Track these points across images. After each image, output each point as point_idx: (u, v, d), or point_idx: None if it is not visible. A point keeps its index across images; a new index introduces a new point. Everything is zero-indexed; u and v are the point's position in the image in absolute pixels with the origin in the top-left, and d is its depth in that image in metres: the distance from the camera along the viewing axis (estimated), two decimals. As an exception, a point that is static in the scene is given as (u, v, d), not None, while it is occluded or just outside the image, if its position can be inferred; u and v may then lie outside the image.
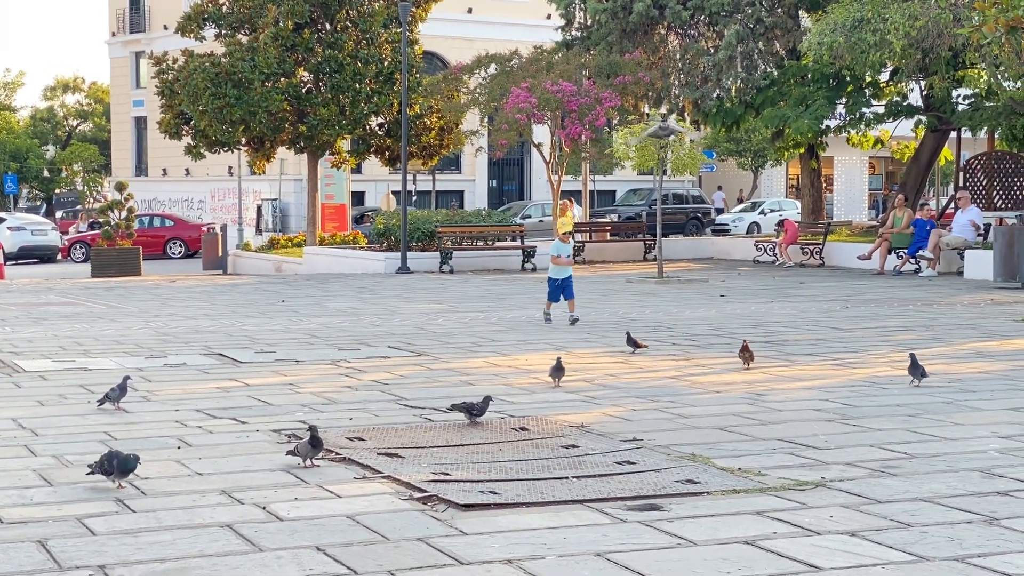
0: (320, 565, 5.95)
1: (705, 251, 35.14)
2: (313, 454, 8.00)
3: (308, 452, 7.98)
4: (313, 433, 7.99)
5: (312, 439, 7.96)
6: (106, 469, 7.29)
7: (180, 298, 22.33)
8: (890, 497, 7.16)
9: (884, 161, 66.67)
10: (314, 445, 7.96)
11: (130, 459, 7.32)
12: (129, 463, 7.31)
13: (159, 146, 58.36)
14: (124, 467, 7.30)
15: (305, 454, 7.99)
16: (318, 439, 7.98)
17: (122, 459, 7.30)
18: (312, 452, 7.98)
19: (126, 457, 7.33)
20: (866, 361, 13.11)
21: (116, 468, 7.28)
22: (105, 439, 8.94)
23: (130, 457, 7.34)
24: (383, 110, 35.55)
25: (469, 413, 9.63)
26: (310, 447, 7.96)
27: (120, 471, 7.30)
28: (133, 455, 7.39)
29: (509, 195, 61.66)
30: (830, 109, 31.52)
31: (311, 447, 7.96)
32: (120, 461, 7.29)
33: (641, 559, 6.02)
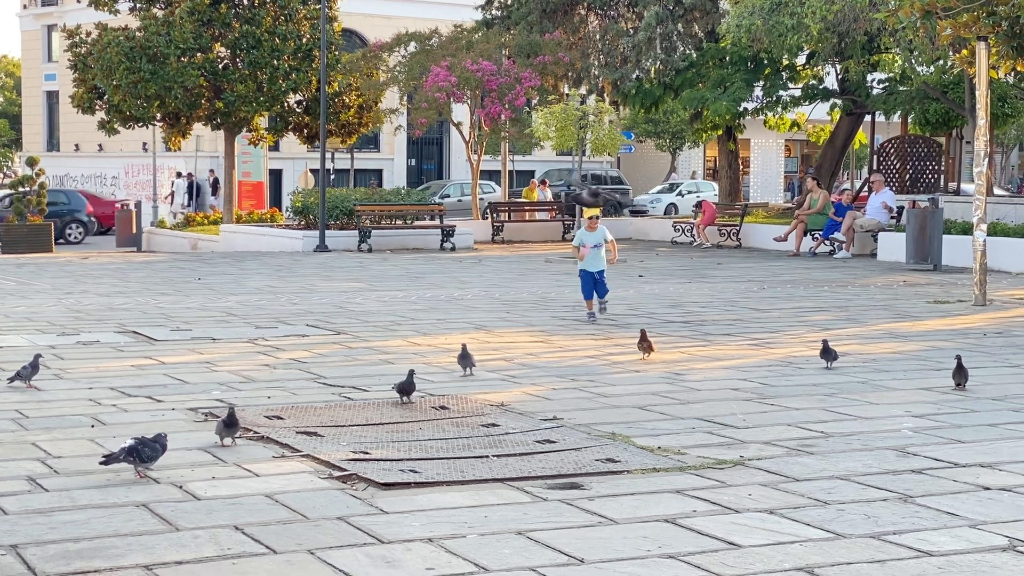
0: (238, 544, 5.88)
1: (623, 231, 35.22)
2: (229, 433, 7.88)
3: (223, 432, 7.88)
4: (230, 412, 7.90)
5: (228, 418, 7.86)
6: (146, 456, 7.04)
7: (93, 275, 21.99)
8: (807, 475, 7.23)
9: (799, 144, 67.38)
10: (229, 424, 7.85)
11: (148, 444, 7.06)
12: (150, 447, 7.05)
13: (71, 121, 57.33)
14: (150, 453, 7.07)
15: (221, 433, 7.89)
16: (234, 418, 7.87)
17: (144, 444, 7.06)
18: (228, 432, 7.87)
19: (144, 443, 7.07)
20: (783, 341, 13.24)
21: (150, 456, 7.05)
22: (17, 417, 8.78)
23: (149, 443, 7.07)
24: (301, 87, 35.21)
25: (405, 394, 9.49)
26: (224, 426, 7.86)
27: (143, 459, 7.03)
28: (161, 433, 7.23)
29: (428, 174, 61.43)
30: (748, 91, 31.75)
31: (226, 427, 7.85)
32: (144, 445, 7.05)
33: (562, 537, 6.02)
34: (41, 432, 8.28)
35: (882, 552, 5.77)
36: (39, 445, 7.89)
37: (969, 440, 8.17)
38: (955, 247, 22.48)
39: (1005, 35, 16.95)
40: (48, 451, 7.73)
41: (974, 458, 7.65)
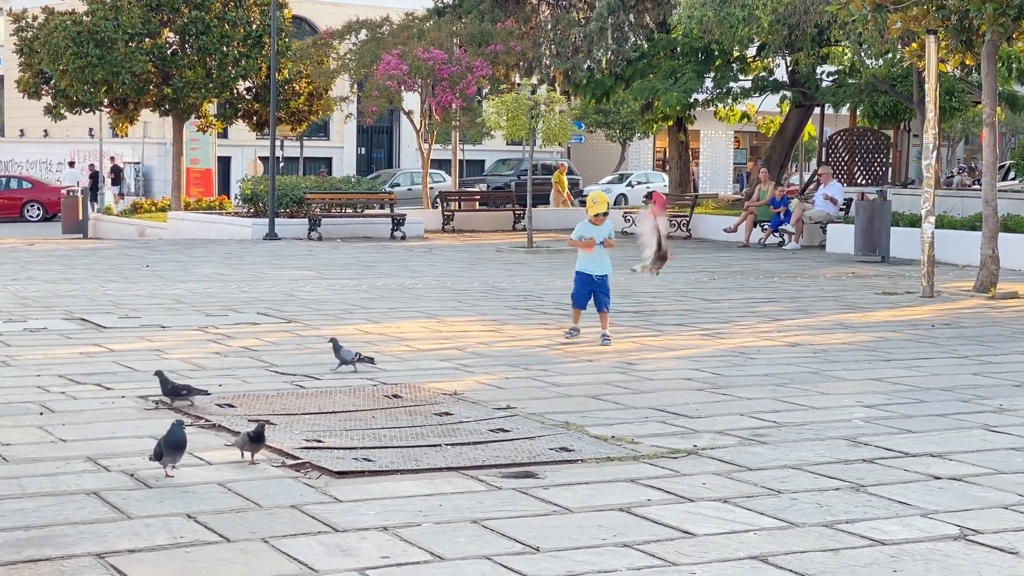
0: (191, 532, 5.83)
1: (574, 221, 35.15)
2: (255, 449, 7.13)
3: (248, 446, 7.12)
4: (259, 427, 7.16)
5: (256, 433, 7.10)
6: (157, 452, 6.72)
7: (39, 262, 21.75)
8: (760, 465, 7.27)
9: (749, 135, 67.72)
10: (256, 439, 7.09)
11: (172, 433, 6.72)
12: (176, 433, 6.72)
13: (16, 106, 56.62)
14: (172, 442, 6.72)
15: (244, 448, 7.13)
16: (262, 434, 7.12)
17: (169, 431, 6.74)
18: (254, 447, 7.11)
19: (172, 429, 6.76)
20: (733, 332, 13.30)
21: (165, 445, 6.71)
22: (-36, 405, 8.67)
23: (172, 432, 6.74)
24: (251, 74, 34.94)
25: None
26: (250, 440, 7.10)
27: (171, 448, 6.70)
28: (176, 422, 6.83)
29: (378, 163, 61.23)
30: (698, 83, 31.85)
31: (251, 441, 7.10)
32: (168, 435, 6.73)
33: (517, 526, 6.01)
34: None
35: (835, 541, 5.81)
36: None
37: (919, 430, 8.24)
38: (903, 239, 22.68)
39: (954, 29, 17.09)
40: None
41: (924, 448, 7.72)
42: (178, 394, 8.61)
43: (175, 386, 8.66)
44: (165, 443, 6.63)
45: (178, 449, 6.63)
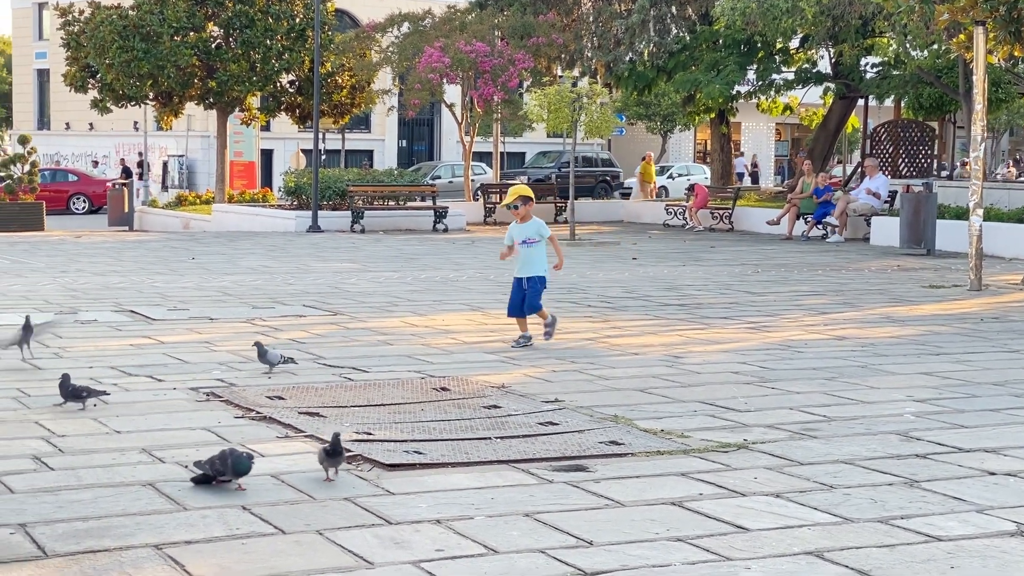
0: (247, 524, 5.88)
1: (615, 214, 35.29)
2: (333, 464, 6.67)
3: (326, 461, 6.66)
4: (335, 440, 6.67)
5: (333, 446, 6.65)
6: (218, 469, 6.37)
7: (87, 254, 21.93)
8: (812, 459, 7.24)
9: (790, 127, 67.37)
10: (333, 454, 6.64)
11: (243, 459, 6.36)
12: (244, 464, 6.35)
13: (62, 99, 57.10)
14: (238, 468, 6.34)
15: (323, 463, 6.68)
16: (339, 447, 6.66)
17: (236, 458, 6.35)
18: (332, 462, 6.66)
19: (240, 456, 6.37)
20: (780, 325, 13.25)
21: (231, 469, 6.35)
22: (18, 396, 8.76)
23: (243, 456, 6.38)
24: (294, 67, 35.09)
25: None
26: (327, 455, 6.64)
27: (235, 472, 6.36)
28: (247, 454, 6.44)
29: (419, 155, 61.36)
30: (741, 75, 31.73)
31: (328, 456, 6.64)
32: (235, 461, 6.34)
33: (570, 520, 6.02)
34: (43, 411, 8.26)
35: (891, 537, 5.78)
36: (42, 424, 7.87)
37: (972, 425, 8.19)
38: (949, 232, 22.51)
39: (1003, 20, 16.96)
40: (51, 430, 7.71)
41: (978, 443, 7.67)
42: (79, 396, 8.27)
43: (75, 388, 8.30)
44: (232, 468, 6.33)
45: (240, 476, 6.38)
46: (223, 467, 6.32)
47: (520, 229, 11.71)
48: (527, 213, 11.71)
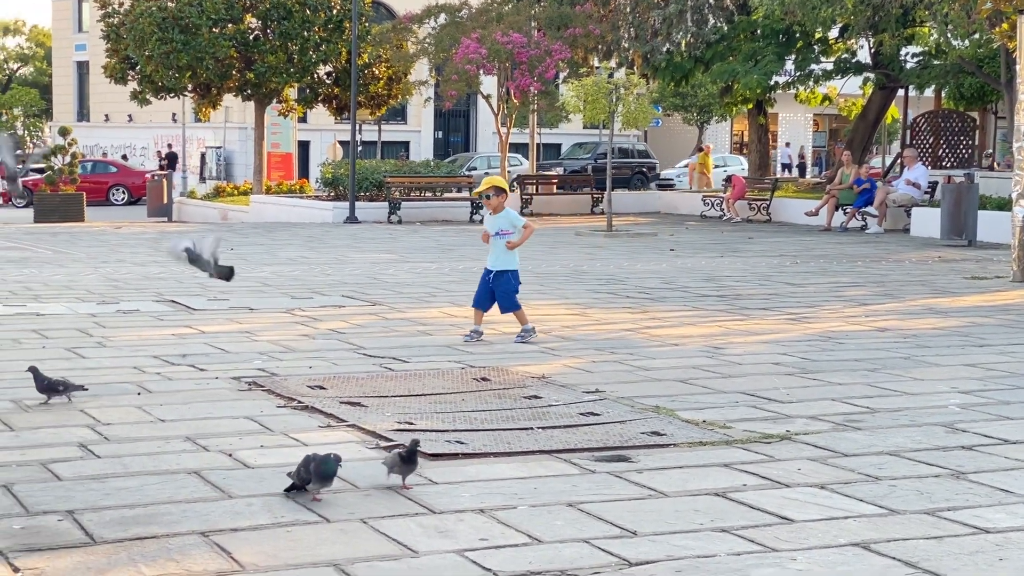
0: (291, 513, 5.90)
1: (652, 205, 35.20)
2: (406, 472, 6.32)
3: (400, 468, 6.32)
4: (413, 446, 6.33)
5: (409, 453, 6.30)
6: (303, 478, 6.04)
7: (128, 244, 22.07)
8: (856, 451, 7.20)
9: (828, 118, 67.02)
10: (408, 460, 6.29)
11: (329, 461, 6.01)
12: (328, 466, 6.01)
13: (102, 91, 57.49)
14: (323, 472, 6.01)
15: (395, 469, 6.33)
16: (415, 455, 6.31)
17: (319, 462, 6.00)
18: (406, 469, 6.31)
19: (324, 459, 6.01)
20: (820, 316, 13.18)
21: (314, 474, 6.01)
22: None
23: (329, 458, 6.03)
24: (331, 59, 35.20)
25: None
26: (402, 461, 6.29)
27: (319, 477, 6.02)
28: (333, 455, 6.07)
29: (455, 147, 61.40)
30: (779, 65, 31.57)
31: (404, 462, 6.29)
32: (317, 465, 6.00)
33: (614, 509, 6.01)
34: (88, 399, 8.31)
35: (938, 528, 5.74)
36: (87, 412, 7.93)
37: (1018, 417, 8.12)
38: (990, 223, 22.33)
39: (1046, 9, 16.78)
40: (97, 418, 7.76)
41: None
42: (54, 390, 8.05)
43: (51, 382, 8.08)
44: (316, 473, 6.00)
45: (326, 480, 6.04)
46: (308, 474, 6.02)
47: (493, 221, 11.30)
48: (499, 204, 11.27)
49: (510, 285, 11.22)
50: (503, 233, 11.23)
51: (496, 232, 11.23)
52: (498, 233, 11.23)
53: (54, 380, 8.16)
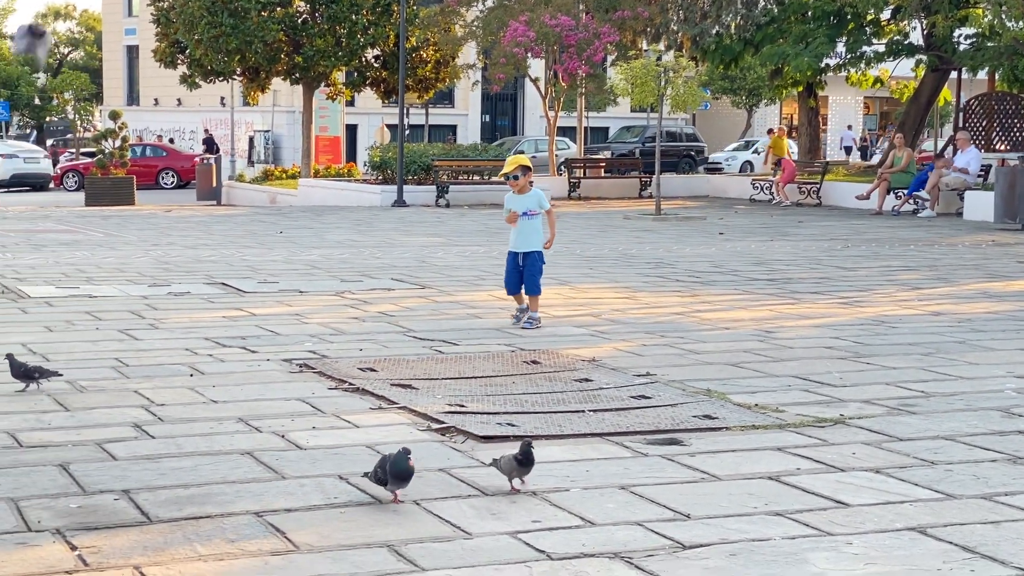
0: (344, 494, 5.91)
1: (700, 189, 35.04)
2: (521, 474, 6.03)
3: (516, 471, 6.01)
4: (527, 448, 5.99)
5: (524, 455, 5.97)
6: (380, 478, 5.81)
7: (178, 228, 22.21)
8: (911, 435, 7.14)
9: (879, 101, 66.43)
10: (524, 463, 5.98)
11: (402, 459, 5.75)
12: (402, 464, 5.74)
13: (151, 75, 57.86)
14: (397, 471, 5.76)
15: (511, 472, 6.03)
16: (530, 456, 5.98)
17: (393, 461, 5.77)
18: (521, 471, 6.01)
19: (397, 458, 5.77)
20: (872, 300, 13.07)
21: (390, 474, 5.78)
22: (117, 365, 8.89)
23: (401, 456, 5.76)
24: (379, 42, 35.21)
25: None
26: (517, 464, 5.98)
27: (396, 477, 5.78)
28: (403, 449, 5.81)
29: (502, 130, 61.34)
30: (830, 47, 31.29)
31: (519, 464, 5.98)
32: (392, 464, 5.77)
33: (667, 493, 5.99)
34: (142, 380, 8.38)
35: (995, 513, 5.68)
36: (141, 393, 7.98)
37: (1075, 401, 8.03)
38: (1044, 207, 22.07)
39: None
40: (151, 399, 7.81)
41: (1081, 420, 7.52)
42: (31, 376, 7.90)
43: (27, 369, 7.93)
44: (391, 472, 5.77)
45: (404, 479, 5.80)
46: (384, 475, 5.80)
47: (520, 200, 11.13)
48: (526, 184, 11.12)
49: (537, 266, 11.14)
50: (531, 213, 11.11)
51: (524, 212, 11.10)
52: (526, 213, 11.10)
53: (30, 367, 8.03)
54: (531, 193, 11.15)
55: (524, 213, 11.10)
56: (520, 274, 11.14)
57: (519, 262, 11.15)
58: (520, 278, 11.15)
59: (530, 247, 11.13)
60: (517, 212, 11.11)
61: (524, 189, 11.14)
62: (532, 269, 11.10)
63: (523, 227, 11.13)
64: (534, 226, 11.16)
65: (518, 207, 11.12)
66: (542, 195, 11.30)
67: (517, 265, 11.16)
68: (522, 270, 11.13)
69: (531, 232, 11.13)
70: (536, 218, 11.16)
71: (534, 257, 11.14)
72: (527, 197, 11.14)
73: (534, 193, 11.18)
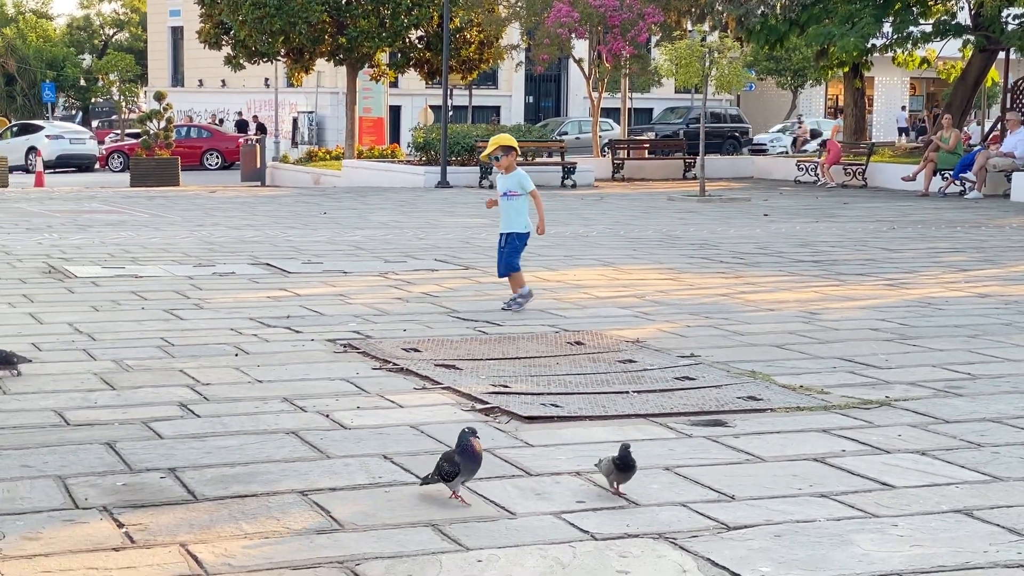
0: (388, 473, 5.93)
1: (745, 170, 34.88)
2: (623, 479, 5.68)
3: (616, 476, 5.66)
4: (625, 454, 5.61)
5: (623, 461, 5.61)
6: (448, 471, 5.49)
7: (222, 208, 22.32)
8: (957, 417, 7.08)
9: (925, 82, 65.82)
10: (625, 468, 5.62)
11: (467, 448, 5.52)
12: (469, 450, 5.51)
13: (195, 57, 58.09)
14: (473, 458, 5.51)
15: (611, 477, 5.69)
16: (630, 462, 5.62)
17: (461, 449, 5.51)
18: (622, 477, 5.66)
19: (463, 448, 5.52)
20: (918, 282, 12.98)
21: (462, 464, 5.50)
22: (163, 345, 8.95)
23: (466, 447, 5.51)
24: (423, 23, 35.19)
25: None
26: (617, 470, 5.63)
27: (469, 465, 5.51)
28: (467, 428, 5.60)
29: (545, 111, 61.24)
30: (876, 27, 30.98)
31: (619, 470, 5.63)
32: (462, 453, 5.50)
33: (711, 474, 5.97)
34: (188, 360, 8.43)
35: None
36: (187, 372, 8.03)
37: (1125, 384, 7.94)
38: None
39: None
40: (196, 378, 7.87)
41: None
42: (10, 362, 7.78)
43: (4, 354, 7.82)
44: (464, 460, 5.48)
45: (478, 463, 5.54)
46: (453, 467, 5.46)
47: (502, 181, 11.00)
48: (511, 164, 10.91)
49: (514, 246, 10.99)
50: (511, 194, 10.94)
51: (504, 193, 10.95)
52: (506, 194, 10.94)
53: (5, 352, 7.86)
54: (513, 174, 10.96)
55: (504, 194, 10.94)
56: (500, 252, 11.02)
57: (500, 243, 11.06)
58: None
59: (510, 228, 10.99)
60: (498, 191, 10.99)
61: (510, 168, 10.95)
62: (509, 248, 10.97)
63: (504, 208, 11.02)
64: (515, 207, 10.99)
65: (499, 187, 11.01)
66: (524, 176, 11.08)
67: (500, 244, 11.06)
68: (501, 249, 11.01)
69: (512, 213, 10.98)
70: (517, 199, 10.97)
71: (512, 238, 11.00)
72: (509, 178, 10.97)
73: (515, 174, 10.97)
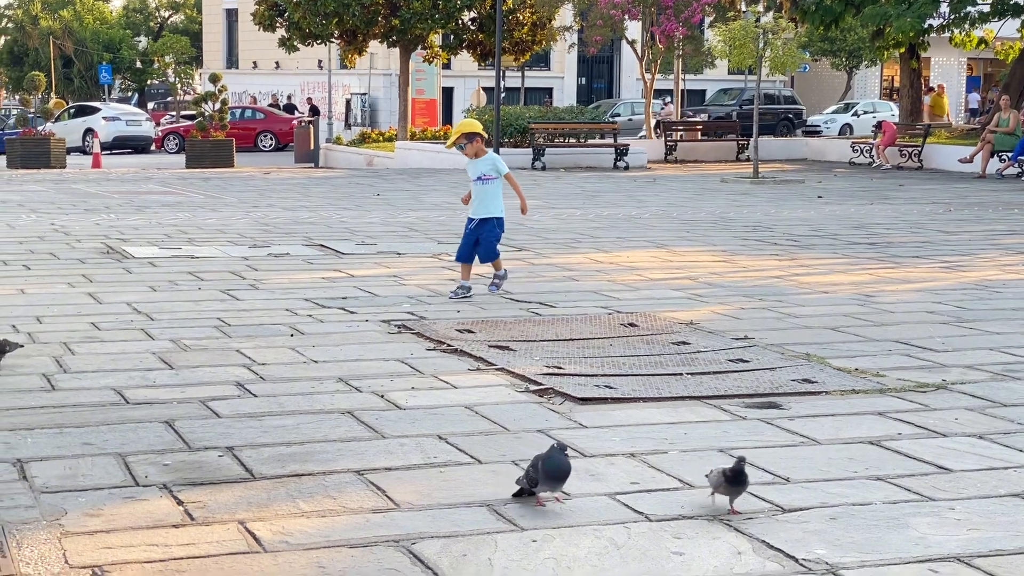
0: (444, 453, 5.96)
1: (798, 152, 34.65)
2: (734, 494, 5.22)
3: (727, 490, 5.21)
4: (739, 466, 5.17)
5: (735, 473, 5.15)
6: (532, 478, 5.22)
7: (276, 190, 22.46)
8: (1015, 401, 7.03)
9: (983, 62, 64.98)
10: (736, 481, 5.17)
11: (552, 459, 5.16)
12: (554, 462, 5.16)
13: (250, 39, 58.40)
14: (552, 470, 5.16)
15: (722, 491, 5.23)
16: (742, 474, 5.15)
17: (545, 459, 5.19)
18: (733, 492, 5.20)
19: (548, 458, 5.18)
20: (975, 264, 12.86)
21: (542, 473, 5.17)
22: (220, 325, 9.04)
23: (552, 457, 5.17)
24: (476, 4, 35.19)
25: None
26: (727, 483, 5.18)
27: (549, 478, 5.18)
28: (556, 444, 5.28)
29: (598, 93, 61.08)
30: (934, 7, 30.62)
31: (729, 483, 5.18)
32: (546, 462, 5.17)
33: (765, 456, 5.96)
34: (244, 340, 8.51)
35: (1103, 481, 5.59)
36: (243, 352, 8.11)
37: None
38: None
39: None
40: (252, 358, 7.94)
41: None
42: (2, 351, 7.62)
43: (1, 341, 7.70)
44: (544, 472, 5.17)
45: (558, 480, 5.22)
46: (536, 475, 5.21)
47: (474, 165, 10.63)
48: (479, 149, 10.58)
49: (494, 233, 10.69)
50: (486, 178, 10.61)
51: (478, 177, 10.62)
52: (480, 178, 10.62)
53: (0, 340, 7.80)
54: (486, 157, 10.67)
55: (478, 178, 10.62)
56: (475, 242, 10.64)
57: (475, 229, 10.66)
58: (473, 246, 10.66)
59: (487, 213, 10.66)
60: (471, 177, 10.69)
61: (479, 153, 10.63)
62: (489, 236, 10.66)
63: (477, 192, 10.66)
64: (489, 191, 10.65)
65: (472, 172, 10.68)
66: (498, 159, 10.84)
67: (474, 232, 10.65)
68: (479, 237, 10.66)
69: (487, 198, 10.64)
70: (492, 183, 10.64)
71: (491, 224, 10.69)
72: (481, 162, 10.64)
73: (488, 157, 10.70)
